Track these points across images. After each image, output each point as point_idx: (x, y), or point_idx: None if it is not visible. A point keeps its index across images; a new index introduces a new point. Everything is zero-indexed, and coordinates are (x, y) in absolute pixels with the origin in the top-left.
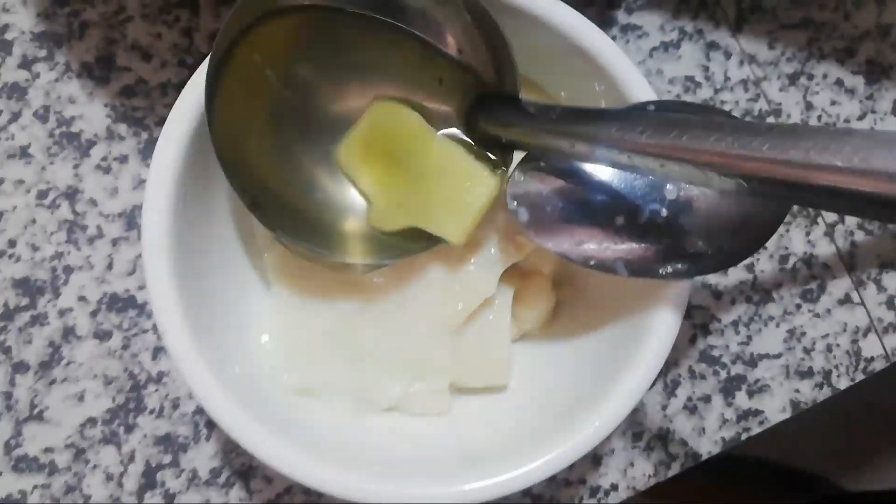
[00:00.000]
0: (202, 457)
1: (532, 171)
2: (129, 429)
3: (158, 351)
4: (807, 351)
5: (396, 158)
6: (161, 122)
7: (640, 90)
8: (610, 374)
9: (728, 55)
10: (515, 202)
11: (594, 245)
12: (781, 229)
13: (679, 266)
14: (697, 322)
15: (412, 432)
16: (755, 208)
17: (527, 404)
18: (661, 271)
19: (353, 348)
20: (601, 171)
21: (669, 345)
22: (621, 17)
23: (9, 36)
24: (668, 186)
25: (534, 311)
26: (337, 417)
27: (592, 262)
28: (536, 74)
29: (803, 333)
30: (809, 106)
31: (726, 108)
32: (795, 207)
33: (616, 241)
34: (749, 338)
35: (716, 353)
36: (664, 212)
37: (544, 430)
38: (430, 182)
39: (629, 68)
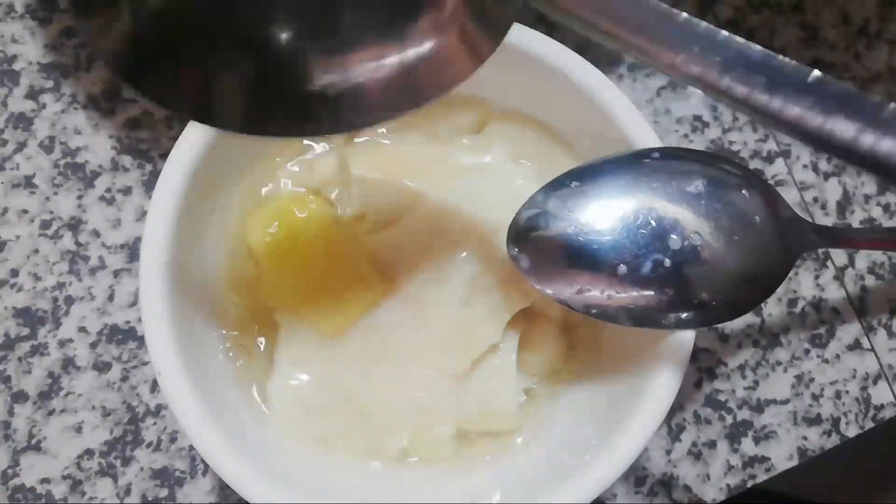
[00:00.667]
0: (198, 492)
1: (534, 217)
2: (126, 462)
3: (157, 384)
4: (815, 397)
5: (297, 242)
6: (165, 154)
7: (645, 137)
8: (614, 422)
9: None
10: (516, 249)
11: (596, 293)
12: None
13: (683, 316)
14: (703, 365)
15: (418, 479)
16: (761, 259)
17: (534, 450)
18: (664, 321)
19: (360, 396)
20: (603, 220)
21: (672, 394)
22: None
23: (16, 66)
24: (673, 236)
25: (540, 356)
26: (342, 466)
27: (594, 311)
28: (551, 118)
29: (812, 379)
30: None
31: (734, 148)
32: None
33: (619, 290)
34: (756, 382)
35: (722, 397)
36: (667, 262)
37: (549, 477)
38: (321, 271)
39: (633, 113)
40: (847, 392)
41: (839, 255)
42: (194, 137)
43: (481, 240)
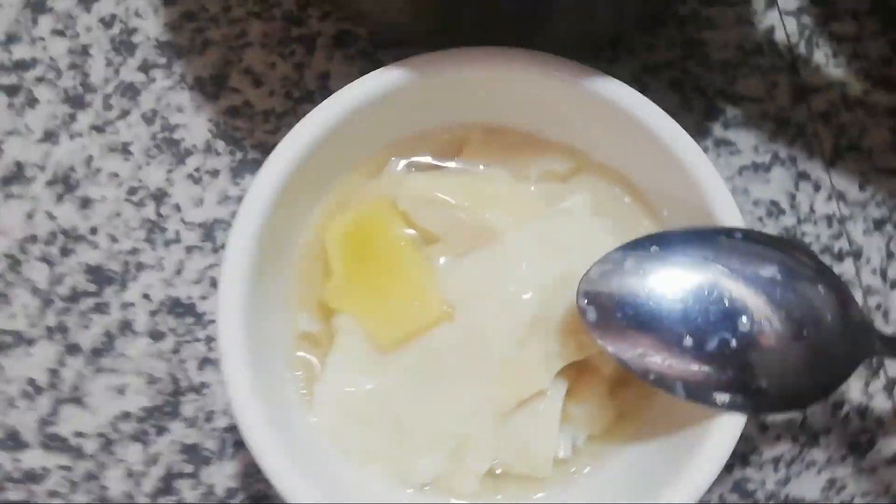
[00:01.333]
0: (222, 474)
1: (608, 273)
2: (160, 431)
3: (205, 362)
4: None
5: (372, 252)
6: (258, 146)
7: (730, 214)
8: (648, 494)
9: (817, 188)
10: (586, 300)
11: (657, 360)
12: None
13: (737, 399)
14: (738, 450)
15: None
16: (826, 358)
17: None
18: (718, 400)
19: (403, 414)
20: (677, 288)
21: (711, 478)
22: (717, 130)
23: (135, 39)
24: (743, 318)
25: (585, 409)
26: (372, 482)
27: (652, 377)
28: (640, 178)
29: (844, 486)
30: (891, 255)
31: (807, 240)
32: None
33: (680, 360)
34: (787, 478)
35: (751, 486)
36: (734, 342)
37: None
38: (387, 284)
39: (722, 191)
40: None
41: (893, 367)
42: (288, 151)
43: (549, 284)
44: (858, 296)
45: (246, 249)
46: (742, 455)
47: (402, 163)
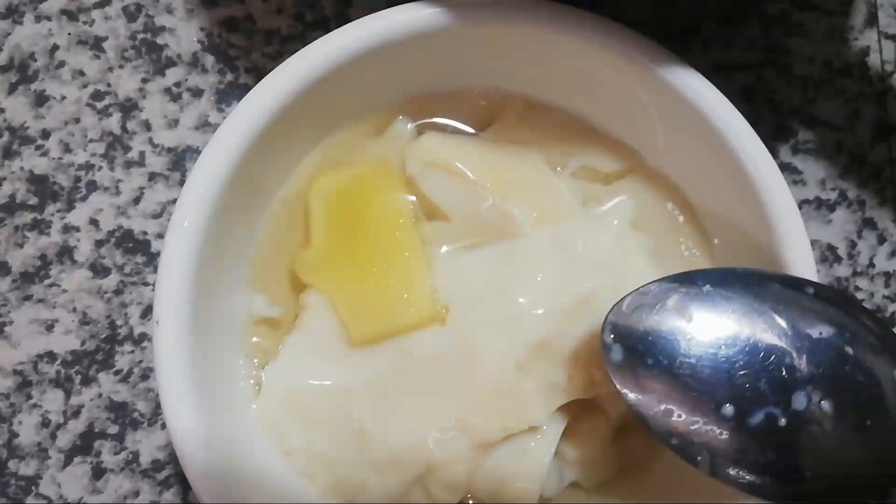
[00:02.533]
0: (150, 443)
1: (646, 308)
2: (87, 381)
3: (150, 311)
4: None
5: (363, 222)
6: (253, 69)
7: (804, 264)
8: None
9: (882, 240)
10: (612, 336)
11: (685, 424)
12: None
13: (769, 485)
14: None
15: None
16: (888, 455)
17: None
18: (746, 483)
19: (364, 424)
20: (727, 342)
21: None
22: (784, 153)
23: None
24: (800, 394)
25: (581, 454)
26: (310, 495)
27: (674, 441)
28: (698, 196)
29: None
30: None
31: (859, 296)
32: None
33: (713, 430)
34: None
35: None
36: (783, 420)
37: None
38: (374, 265)
39: (799, 231)
40: None
41: None
42: (283, 82)
43: (566, 304)
44: None
45: (207, 196)
46: None
47: (412, 125)
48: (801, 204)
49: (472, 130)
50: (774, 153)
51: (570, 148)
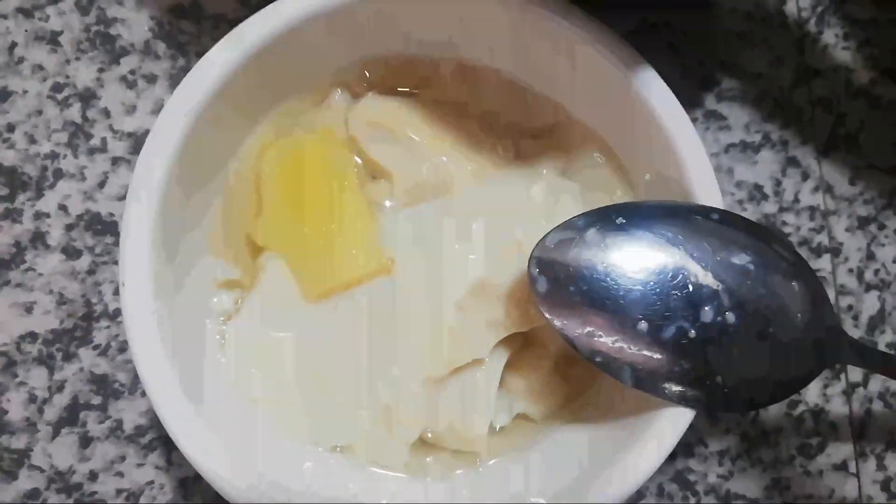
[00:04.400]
0: (132, 410)
1: (566, 242)
2: (68, 357)
3: None
4: None
5: (311, 187)
6: (202, 53)
7: (710, 194)
8: (584, 479)
9: (805, 176)
10: (538, 269)
11: (607, 342)
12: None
13: (688, 393)
14: (683, 440)
15: (356, 477)
16: (790, 360)
17: (493, 483)
18: (667, 392)
19: (322, 373)
20: (638, 267)
21: (650, 471)
22: (709, 101)
23: None
24: (706, 308)
25: (525, 383)
26: (279, 440)
27: (598, 359)
28: (616, 141)
29: (787, 487)
30: (871, 256)
31: (786, 230)
32: None
33: (632, 345)
34: (731, 473)
35: (692, 477)
36: (692, 333)
37: None
38: (323, 225)
39: (704, 166)
40: None
41: (854, 372)
42: (228, 56)
43: (501, 248)
44: (831, 295)
45: (160, 171)
46: (686, 445)
47: (349, 95)
48: (728, 147)
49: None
50: (700, 102)
51: (501, 105)
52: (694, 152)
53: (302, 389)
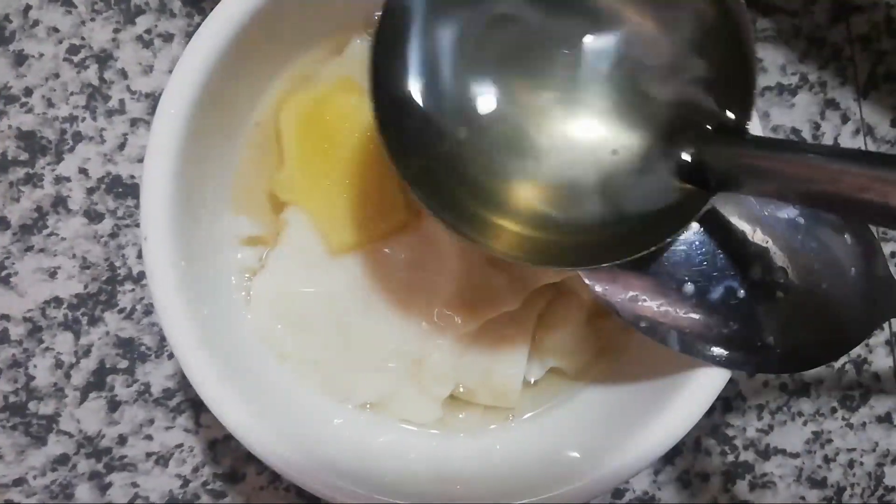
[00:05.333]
0: (159, 374)
1: None
2: (94, 321)
3: None
4: (827, 460)
5: (333, 138)
6: None
7: None
8: (617, 435)
9: (845, 119)
10: None
11: (652, 306)
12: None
13: (738, 356)
14: (721, 393)
15: (387, 433)
16: (843, 316)
17: (527, 438)
18: (716, 356)
19: (349, 327)
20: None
21: (687, 428)
22: None
23: None
24: (756, 266)
25: (557, 338)
26: (306, 396)
27: (643, 324)
28: None
29: (829, 440)
30: None
31: None
32: None
33: (677, 308)
34: (770, 427)
35: (730, 432)
36: (741, 292)
37: (536, 472)
38: (347, 177)
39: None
40: (861, 464)
41: None
42: (242, 6)
43: None
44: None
45: (178, 122)
46: (725, 399)
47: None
48: (764, 90)
49: None
50: None
51: None
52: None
53: (327, 345)
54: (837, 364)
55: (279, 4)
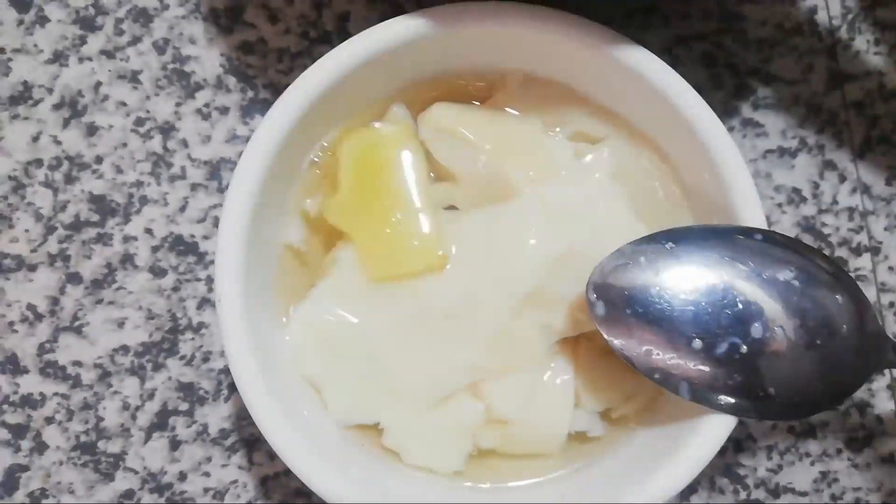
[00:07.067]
0: (216, 415)
1: (620, 268)
2: (157, 367)
3: (204, 302)
4: (834, 498)
5: (384, 176)
6: (269, 85)
7: (752, 213)
8: (641, 476)
9: (843, 178)
10: (595, 295)
11: (664, 359)
12: None
13: (742, 404)
14: (732, 435)
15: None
16: (837, 369)
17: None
18: (723, 404)
19: (376, 358)
20: (690, 288)
21: (698, 470)
22: (745, 109)
23: None
24: (756, 324)
25: (590, 384)
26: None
27: (657, 376)
28: (672, 150)
29: (836, 479)
30: None
31: (825, 231)
32: None
33: (687, 362)
34: (780, 467)
35: (742, 471)
36: (744, 348)
37: None
38: (390, 214)
39: (748, 187)
40: (867, 503)
41: None
42: (319, 77)
43: (553, 258)
44: (872, 292)
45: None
46: (736, 440)
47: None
48: (766, 153)
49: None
50: (737, 111)
51: (565, 115)
52: (736, 173)
53: (358, 375)
54: (842, 408)
55: (330, 92)
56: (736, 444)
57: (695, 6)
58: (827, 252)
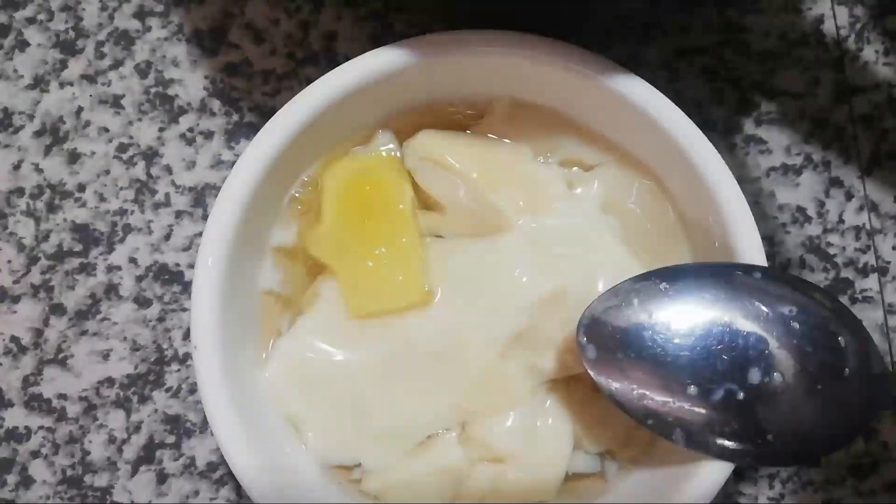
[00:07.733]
0: (203, 448)
1: (612, 309)
2: (143, 400)
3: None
4: None
5: (368, 207)
6: (255, 108)
7: (751, 249)
8: None
9: (849, 196)
10: (586, 338)
11: (657, 405)
12: None
13: (739, 450)
14: None
15: None
16: (840, 414)
17: None
18: (719, 450)
19: (357, 397)
20: (684, 332)
21: None
22: (748, 125)
23: None
24: (754, 370)
25: (587, 426)
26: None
27: (650, 421)
28: (666, 176)
29: None
30: None
31: (831, 251)
32: None
33: (681, 407)
34: (782, 496)
35: (743, 500)
36: (741, 395)
37: None
38: (374, 247)
39: (747, 221)
40: None
41: None
42: (303, 108)
43: (540, 298)
44: (878, 314)
45: (221, 242)
46: (737, 469)
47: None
48: (769, 171)
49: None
50: (739, 127)
51: (556, 141)
52: (735, 206)
53: (338, 412)
54: None
55: (317, 119)
56: (737, 472)
57: (695, 17)
58: (833, 273)
